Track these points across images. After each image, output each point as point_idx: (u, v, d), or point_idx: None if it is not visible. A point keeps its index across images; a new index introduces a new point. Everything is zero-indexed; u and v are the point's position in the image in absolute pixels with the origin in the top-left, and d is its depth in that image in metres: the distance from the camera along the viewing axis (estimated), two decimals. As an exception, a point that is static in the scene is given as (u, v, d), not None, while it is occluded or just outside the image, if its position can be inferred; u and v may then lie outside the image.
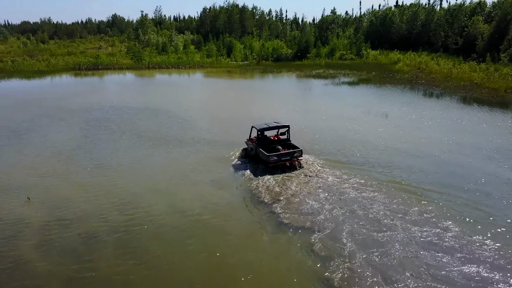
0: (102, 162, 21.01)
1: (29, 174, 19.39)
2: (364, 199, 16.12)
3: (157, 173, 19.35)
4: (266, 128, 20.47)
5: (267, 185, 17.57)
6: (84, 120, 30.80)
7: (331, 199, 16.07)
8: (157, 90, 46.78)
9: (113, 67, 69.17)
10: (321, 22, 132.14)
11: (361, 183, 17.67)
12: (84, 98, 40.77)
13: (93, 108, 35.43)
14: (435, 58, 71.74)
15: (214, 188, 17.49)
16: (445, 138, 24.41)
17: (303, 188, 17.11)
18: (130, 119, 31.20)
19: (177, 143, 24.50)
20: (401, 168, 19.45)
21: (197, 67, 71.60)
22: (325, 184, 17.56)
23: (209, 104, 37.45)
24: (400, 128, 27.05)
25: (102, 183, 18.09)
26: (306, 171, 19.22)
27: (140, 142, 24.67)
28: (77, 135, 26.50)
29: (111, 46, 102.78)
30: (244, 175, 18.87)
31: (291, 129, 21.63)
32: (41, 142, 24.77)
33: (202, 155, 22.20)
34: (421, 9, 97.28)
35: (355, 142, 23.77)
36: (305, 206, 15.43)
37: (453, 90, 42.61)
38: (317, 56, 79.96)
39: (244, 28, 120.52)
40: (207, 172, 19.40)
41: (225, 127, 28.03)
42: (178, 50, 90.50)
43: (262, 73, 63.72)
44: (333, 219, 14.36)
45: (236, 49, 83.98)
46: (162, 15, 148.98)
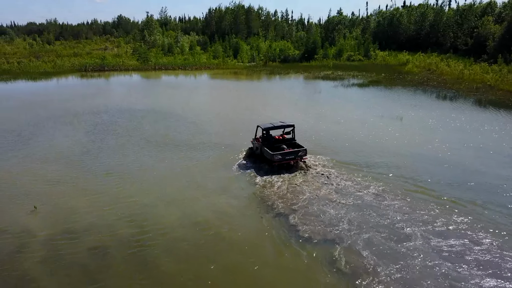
0: (110, 168, 20.29)
1: (36, 181, 18.69)
2: (386, 207, 15.28)
3: (167, 181, 18.58)
4: (271, 127, 20.61)
5: (280, 193, 16.76)
6: (91, 124, 30.13)
7: (350, 207, 15.23)
8: (164, 92, 46.13)
9: (119, 68, 68.67)
10: (327, 23, 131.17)
11: (381, 190, 16.84)
12: (91, 100, 40.17)
13: (100, 111, 34.79)
14: (444, 59, 70.67)
15: (226, 197, 16.69)
16: (466, 143, 23.46)
17: (319, 195, 16.28)
18: (137, 123, 30.51)
19: (186, 147, 23.74)
20: (423, 175, 18.54)
21: (203, 68, 70.93)
22: (343, 191, 16.72)
23: (217, 107, 36.69)
24: (418, 132, 26.12)
25: (111, 192, 17.34)
26: (322, 176, 18.39)
27: (148, 147, 23.94)
28: (84, 140, 25.81)
29: (117, 47, 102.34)
30: (256, 182, 18.06)
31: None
32: (48, 147, 24.10)
33: (212, 160, 21.43)
34: (429, 10, 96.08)
35: (373, 147, 22.90)
36: (323, 215, 14.60)
37: (467, 92, 41.58)
38: (325, 57, 79.06)
39: (250, 29, 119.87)
40: (217, 179, 18.62)
41: (234, 131, 27.24)
42: (184, 51, 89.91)
43: (269, 75, 62.93)
44: (354, 230, 13.53)
45: (243, 50, 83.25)
46: (167, 16, 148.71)
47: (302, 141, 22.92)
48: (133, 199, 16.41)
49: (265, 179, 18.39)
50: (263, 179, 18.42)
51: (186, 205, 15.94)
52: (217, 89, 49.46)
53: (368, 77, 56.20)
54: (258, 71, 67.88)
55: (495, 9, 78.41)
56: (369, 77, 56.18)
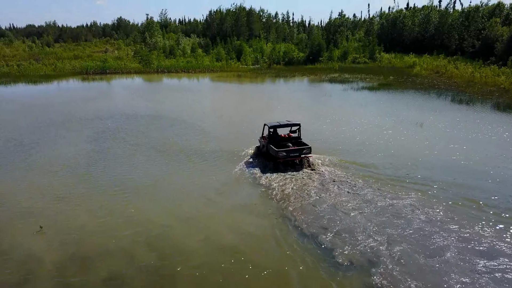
0: (119, 182, 18.87)
1: (41, 196, 17.28)
2: (426, 223, 13.97)
3: (182, 197, 17.18)
4: (276, 125, 21.09)
5: (302, 207, 15.40)
6: (95, 131, 28.72)
7: (387, 223, 13.89)
8: (169, 96, 44.70)
9: (121, 71, 67.28)
10: (329, 25, 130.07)
11: (419, 203, 15.53)
12: (94, 105, 38.78)
13: (105, 116, 33.39)
14: (451, 61, 69.48)
15: (246, 214, 15.30)
16: (500, 152, 22.02)
17: (348, 208, 14.89)
18: (144, 129, 29.11)
19: (196, 157, 22.36)
20: (464, 187, 17.16)
21: (207, 71, 69.58)
22: (377, 205, 15.35)
23: (225, 112, 35.30)
24: (444, 140, 24.61)
25: (122, 209, 15.92)
26: (349, 186, 17.01)
27: (157, 158, 22.53)
28: (90, 149, 24.40)
29: (118, 50, 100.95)
30: (273, 195, 16.69)
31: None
32: (52, 158, 22.66)
33: (225, 171, 20.05)
34: (434, 11, 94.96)
35: (402, 156, 21.47)
36: (353, 232, 13.22)
37: (482, 96, 40.26)
38: (330, 59, 77.79)
39: (251, 31, 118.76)
40: (234, 193, 17.28)
41: (243, 137, 25.89)
42: (186, 53, 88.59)
43: (275, 78, 61.59)
44: (392, 250, 12.19)
45: (246, 52, 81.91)
46: (167, 18, 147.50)
47: (329, 151, 21.68)
48: (148, 219, 15.00)
49: (283, 190, 17.05)
50: (280, 191, 17.16)
51: (206, 225, 14.52)
52: (223, 93, 48.10)
53: (377, 80, 54.92)
54: (263, 73, 66.53)
55: (503, 11, 77.17)
56: (377, 80, 54.90)
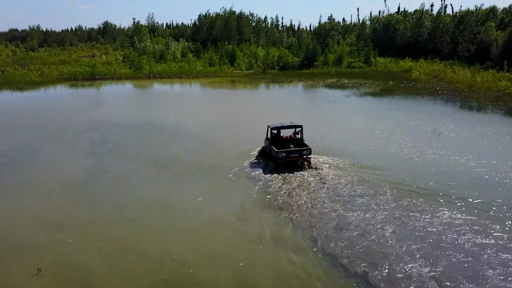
0: (125, 207, 16.74)
1: (36, 226, 15.06)
2: (468, 243, 12.26)
3: (199, 225, 15.12)
4: (278, 126, 21.91)
5: (336, 241, 13.54)
6: (91, 143, 26.44)
7: (433, 248, 12.10)
8: (164, 104, 42.43)
9: (111, 77, 64.62)
10: (319, 29, 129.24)
11: (455, 221, 13.85)
12: (86, 114, 36.41)
13: (99, 127, 31.11)
14: (448, 66, 68.73)
15: (279, 247, 13.40)
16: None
17: (384, 231, 13.11)
18: (144, 142, 26.96)
19: (204, 175, 20.23)
20: (499, 203, 15.59)
21: (200, 77, 67.41)
22: (415, 224, 13.60)
23: (226, 121, 33.28)
24: (467, 150, 23.01)
25: (133, 242, 13.81)
26: (376, 201, 15.21)
27: (163, 175, 20.41)
28: (87, 165, 22.17)
29: (105, 54, 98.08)
30: (298, 223, 14.81)
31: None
32: (46, 177, 20.38)
33: (238, 190, 18.12)
34: (426, 15, 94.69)
35: (425, 169, 19.83)
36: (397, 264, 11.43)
37: (490, 102, 39.06)
38: (325, 64, 76.38)
39: (241, 35, 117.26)
40: (258, 221, 15.28)
41: (248, 148, 24.11)
42: (176, 58, 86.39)
43: (272, 83, 59.82)
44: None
45: (240, 57, 79.99)
46: (154, 22, 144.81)
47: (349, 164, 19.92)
48: (164, 253, 12.95)
49: (312, 210, 15.17)
50: (308, 211, 15.23)
51: (236, 262, 12.51)
52: (222, 100, 46.00)
53: (377, 86, 53.57)
54: (259, 79, 64.67)
55: (497, 15, 77.00)
56: (377, 86, 53.55)
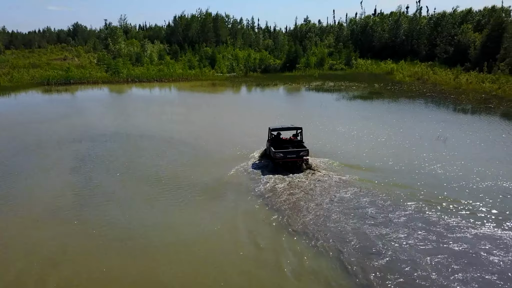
0: (124, 234, 14.68)
1: (27, 260, 12.92)
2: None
3: (214, 255, 13.32)
4: (277, 128, 22.52)
5: (375, 271, 12.17)
6: (76, 157, 24.10)
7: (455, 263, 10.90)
8: (148, 110, 40.08)
9: (86, 81, 61.37)
10: (295, 31, 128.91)
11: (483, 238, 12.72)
12: (66, 122, 33.87)
13: (83, 137, 28.68)
14: (428, 67, 69.17)
15: (307, 279, 11.89)
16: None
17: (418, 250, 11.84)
18: (132, 154, 24.77)
19: (202, 193, 18.18)
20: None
21: (180, 80, 65.17)
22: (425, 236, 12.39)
23: (217, 128, 31.49)
24: (483, 159, 22.23)
25: (142, 279, 11.94)
26: (392, 213, 13.96)
27: (157, 195, 18.20)
28: (74, 182, 19.96)
29: (78, 57, 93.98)
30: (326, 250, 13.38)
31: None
32: (31, 198, 18.03)
33: (242, 209, 16.50)
34: (403, 18, 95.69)
35: (446, 181, 18.81)
36: None
37: (482, 104, 38.92)
38: (307, 66, 75.58)
39: (218, 37, 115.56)
40: (273, 248, 13.75)
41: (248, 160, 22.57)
42: (153, 61, 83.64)
43: (256, 86, 58.39)
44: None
45: (220, 59, 78.07)
46: (127, 24, 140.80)
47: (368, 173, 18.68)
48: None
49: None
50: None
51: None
52: (208, 106, 43.82)
53: (364, 88, 53.03)
54: (242, 82, 63.10)
55: (474, 17, 78.35)
56: (364, 88, 53.02)
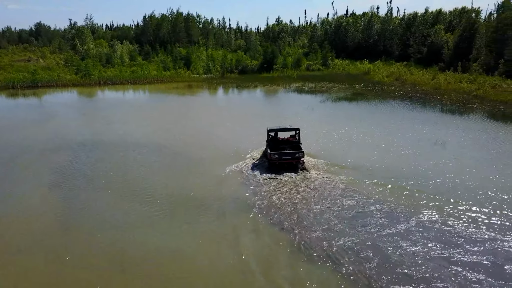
0: (119, 264, 12.98)
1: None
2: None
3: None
4: (274, 129, 22.61)
5: None
6: (54, 170, 21.80)
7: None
8: (127, 115, 37.66)
9: (55, 84, 57.77)
10: (267, 31, 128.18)
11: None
12: (39, 130, 31.22)
13: (61, 147, 26.28)
14: (404, 67, 69.82)
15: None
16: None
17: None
18: (117, 166, 22.67)
19: (200, 211, 16.55)
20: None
21: (156, 82, 62.64)
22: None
23: (204, 134, 29.72)
24: (491, 165, 21.80)
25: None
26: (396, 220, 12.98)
27: (153, 215, 16.44)
28: (58, 201, 17.83)
29: (43, 58, 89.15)
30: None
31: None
32: (10, 226, 15.75)
33: (246, 232, 15.08)
34: (375, 18, 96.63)
35: (457, 189, 18.03)
36: None
37: (467, 105, 39.02)
38: (284, 67, 74.61)
39: (190, 37, 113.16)
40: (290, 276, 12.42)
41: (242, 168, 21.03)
42: (125, 62, 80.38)
43: (236, 88, 56.84)
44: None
45: (196, 60, 75.84)
46: (94, 24, 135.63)
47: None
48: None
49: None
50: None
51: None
52: (191, 110, 42.01)
53: (345, 89, 52.53)
54: (219, 83, 61.39)
55: (446, 18, 79.93)
56: (346, 89, 52.53)
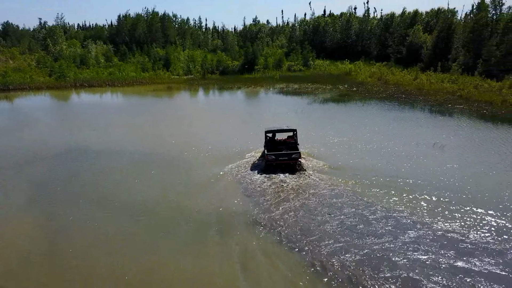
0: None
1: None
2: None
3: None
4: (271, 130, 22.62)
5: None
6: (33, 185, 20.06)
7: None
8: (108, 120, 35.83)
9: (28, 87, 54.89)
10: (245, 31, 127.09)
11: None
12: (15, 139, 29.02)
13: (38, 158, 24.42)
14: (385, 68, 70.12)
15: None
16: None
17: None
18: (102, 178, 21.22)
19: (198, 230, 15.60)
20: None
21: (135, 84, 60.54)
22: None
23: (196, 141, 28.43)
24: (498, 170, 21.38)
25: None
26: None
27: (146, 236, 15.26)
28: (33, 224, 16.18)
29: (12, 59, 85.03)
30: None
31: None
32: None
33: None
34: (354, 18, 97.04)
35: (466, 197, 17.46)
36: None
37: (454, 105, 39.01)
38: (266, 68, 73.67)
39: (166, 38, 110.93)
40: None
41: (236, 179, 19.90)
42: (100, 63, 77.63)
43: (219, 90, 55.48)
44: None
45: (175, 61, 73.91)
46: (65, 23, 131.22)
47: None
48: None
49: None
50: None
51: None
52: (176, 114, 40.44)
53: (331, 91, 51.98)
54: (201, 85, 59.92)
55: (423, 19, 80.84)
56: (331, 90, 52.00)
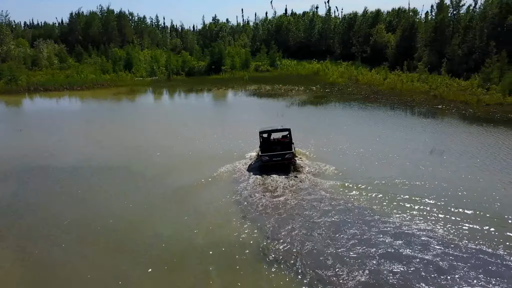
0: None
1: None
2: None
3: None
4: (265, 131, 22.50)
5: None
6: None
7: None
8: (77, 130, 32.51)
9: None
10: (205, 30, 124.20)
11: None
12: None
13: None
14: (350, 66, 70.34)
15: None
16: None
17: None
18: (81, 202, 18.52)
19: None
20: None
21: (96, 87, 56.42)
22: None
23: (180, 152, 26.14)
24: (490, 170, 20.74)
25: None
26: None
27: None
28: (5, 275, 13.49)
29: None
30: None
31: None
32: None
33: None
34: (317, 18, 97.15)
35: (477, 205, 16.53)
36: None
37: (432, 106, 39.01)
38: (233, 68, 71.56)
39: (123, 37, 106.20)
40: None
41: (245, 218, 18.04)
42: (54, 64, 72.33)
43: (188, 92, 52.88)
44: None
45: (137, 62, 70.08)
46: (10, 21, 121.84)
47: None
48: None
49: None
50: None
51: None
52: (151, 120, 37.63)
53: (305, 92, 50.87)
54: (167, 87, 57.02)
55: (386, 18, 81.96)
56: (305, 92, 50.87)
